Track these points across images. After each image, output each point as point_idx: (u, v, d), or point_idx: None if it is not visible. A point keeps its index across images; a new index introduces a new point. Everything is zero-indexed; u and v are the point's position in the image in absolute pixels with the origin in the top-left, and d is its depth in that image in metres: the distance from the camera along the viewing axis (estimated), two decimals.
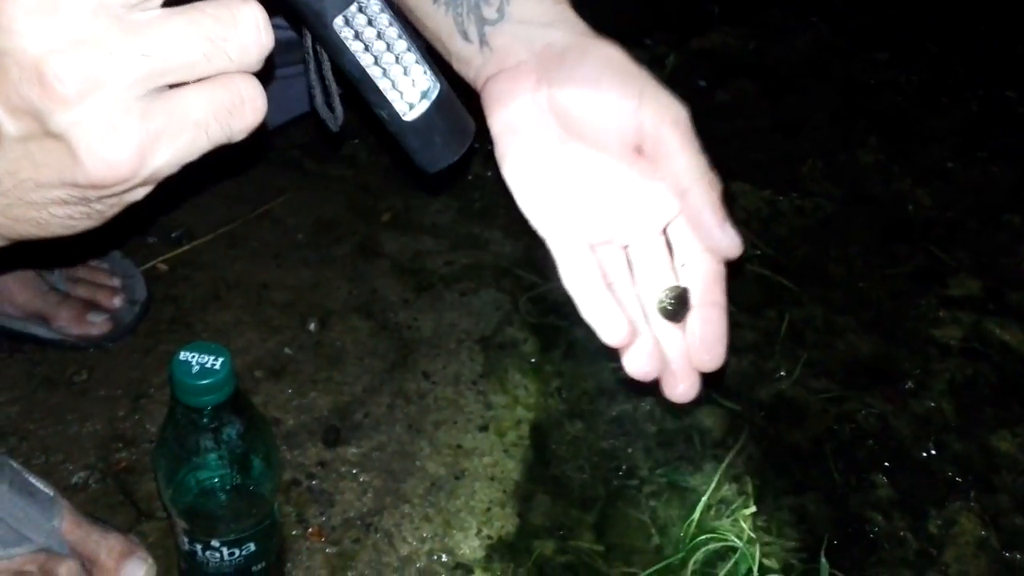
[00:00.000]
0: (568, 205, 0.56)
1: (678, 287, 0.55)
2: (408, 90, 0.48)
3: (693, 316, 0.55)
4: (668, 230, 0.57)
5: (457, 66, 0.59)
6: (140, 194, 0.38)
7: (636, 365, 0.53)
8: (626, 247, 0.57)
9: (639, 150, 0.54)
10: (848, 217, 1.13)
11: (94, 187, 0.35)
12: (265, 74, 0.38)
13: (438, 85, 0.48)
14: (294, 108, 0.89)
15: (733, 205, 1.12)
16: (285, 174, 1.12)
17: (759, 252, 1.06)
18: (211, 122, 0.36)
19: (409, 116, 0.48)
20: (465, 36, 0.57)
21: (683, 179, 0.53)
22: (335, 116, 0.54)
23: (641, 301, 0.56)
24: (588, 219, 0.56)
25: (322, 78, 0.51)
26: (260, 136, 0.40)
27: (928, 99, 1.30)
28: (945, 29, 1.41)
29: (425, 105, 0.48)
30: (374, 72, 0.47)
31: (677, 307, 0.54)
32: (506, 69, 0.56)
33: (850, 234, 1.11)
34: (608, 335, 0.53)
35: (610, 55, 0.54)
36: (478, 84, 0.58)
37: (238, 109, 0.37)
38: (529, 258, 1.05)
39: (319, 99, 0.53)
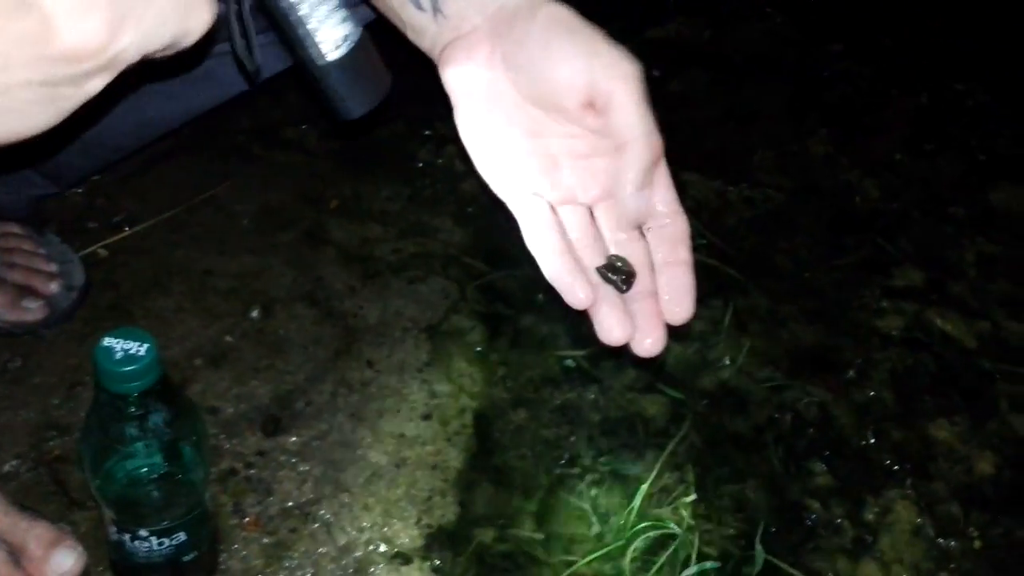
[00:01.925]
0: (529, 168, 0.56)
1: (614, 256, 0.55)
2: (329, 32, 0.48)
3: (661, 274, 0.55)
4: None
5: (412, 36, 0.59)
6: (99, 83, 0.38)
7: (608, 333, 0.54)
8: (590, 207, 0.57)
9: (591, 106, 0.54)
10: (796, 208, 1.14)
11: (66, 59, 0.36)
12: None
13: (357, 30, 0.49)
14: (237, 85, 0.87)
15: (683, 195, 1.12)
16: (231, 159, 1.10)
17: (706, 242, 1.07)
18: (169, 13, 0.38)
19: (330, 57, 0.48)
20: (417, 5, 0.56)
21: (624, 134, 0.52)
22: (253, 59, 0.53)
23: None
24: (549, 180, 0.56)
25: (242, 20, 0.50)
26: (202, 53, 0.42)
27: (879, 91, 1.32)
28: (898, 22, 1.43)
29: (345, 48, 0.48)
30: (296, 11, 0.48)
31: (615, 277, 0.54)
32: (461, 36, 0.56)
33: (798, 225, 1.12)
34: (570, 298, 0.53)
35: (559, 14, 0.54)
36: (435, 53, 0.57)
37: (193, 4, 0.39)
38: (478, 246, 1.05)
39: (238, 41, 0.52)
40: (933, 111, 1.29)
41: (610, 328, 0.53)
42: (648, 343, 0.54)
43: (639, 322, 0.54)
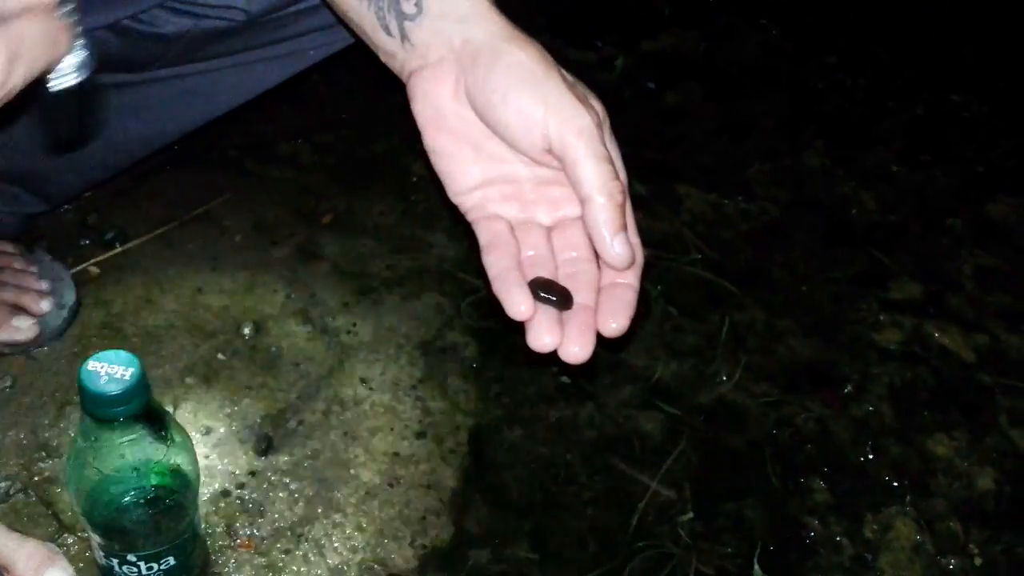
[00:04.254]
0: (493, 193, 0.57)
1: (541, 278, 0.55)
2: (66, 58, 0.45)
3: (603, 292, 0.56)
4: None
5: (384, 59, 0.60)
6: None
7: (537, 339, 0.53)
8: (549, 230, 0.58)
9: (551, 153, 0.55)
10: (792, 221, 1.13)
11: None
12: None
13: (90, 64, 0.46)
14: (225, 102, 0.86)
15: (678, 208, 1.12)
16: (224, 174, 1.10)
17: (701, 256, 1.06)
18: (42, 50, 0.41)
19: (60, 85, 0.45)
20: (387, 31, 0.58)
21: (584, 188, 0.53)
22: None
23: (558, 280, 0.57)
24: (511, 204, 0.57)
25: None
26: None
27: (875, 103, 1.31)
28: (893, 33, 1.42)
29: (77, 78, 0.45)
30: None
31: (548, 295, 0.54)
32: (429, 65, 0.56)
33: (794, 238, 1.11)
34: (513, 310, 0.53)
35: (519, 61, 0.54)
36: (403, 78, 0.58)
37: (57, 39, 0.42)
38: (472, 261, 1.04)
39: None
40: (929, 122, 1.29)
41: (539, 334, 0.53)
42: (575, 350, 0.54)
43: (571, 330, 0.54)
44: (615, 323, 0.54)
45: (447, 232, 1.07)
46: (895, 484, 0.89)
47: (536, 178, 0.57)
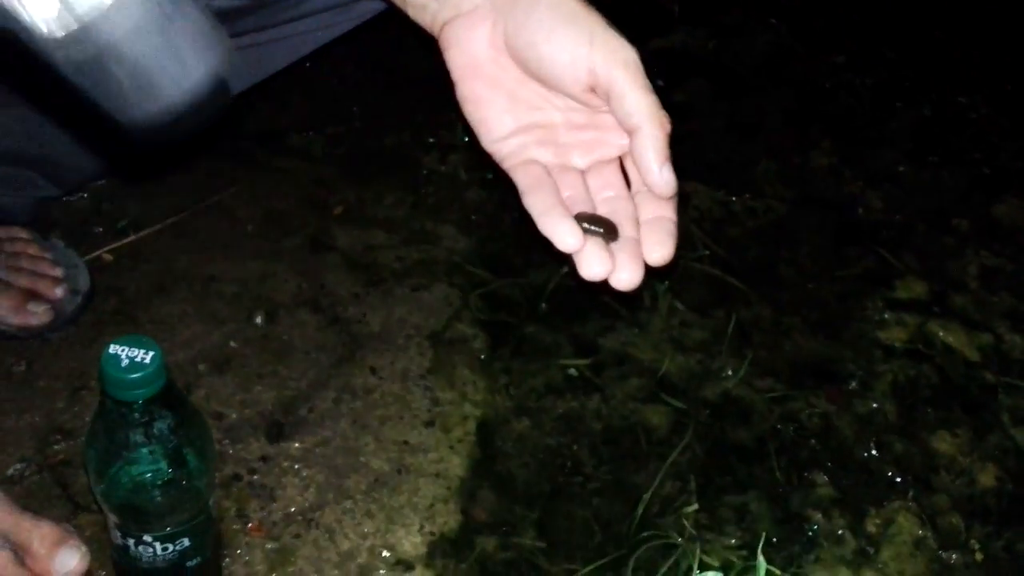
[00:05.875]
0: (529, 139, 0.59)
1: (585, 212, 0.57)
2: None
3: (644, 224, 0.58)
4: (625, 160, 0.60)
5: (413, 13, 0.61)
6: None
7: (589, 268, 0.55)
8: (584, 172, 0.60)
9: (593, 90, 0.56)
10: (799, 219, 1.14)
11: None
12: None
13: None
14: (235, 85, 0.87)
15: (686, 205, 1.13)
16: (236, 165, 1.11)
17: (709, 252, 1.07)
18: None
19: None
20: None
21: (633, 118, 0.55)
22: None
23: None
24: (547, 149, 0.59)
25: None
26: None
27: (882, 103, 1.32)
28: (901, 33, 1.43)
29: None
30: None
31: (596, 228, 0.56)
32: (463, 14, 0.58)
33: (801, 236, 1.12)
34: (562, 243, 0.55)
35: (560, 0, 0.55)
36: (435, 30, 0.59)
37: None
38: (481, 254, 1.05)
39: None
40: (936, 123, 1.30)
41: (591, 263, 0.55)
42: (625, 277, 0.56)
43: (620, 258, 0.56)
44: (661, 251, 0.56)
45: (457, 225, 1.08)
46: (898, 480, 0.89)
47: (569, 123, 0.58)
